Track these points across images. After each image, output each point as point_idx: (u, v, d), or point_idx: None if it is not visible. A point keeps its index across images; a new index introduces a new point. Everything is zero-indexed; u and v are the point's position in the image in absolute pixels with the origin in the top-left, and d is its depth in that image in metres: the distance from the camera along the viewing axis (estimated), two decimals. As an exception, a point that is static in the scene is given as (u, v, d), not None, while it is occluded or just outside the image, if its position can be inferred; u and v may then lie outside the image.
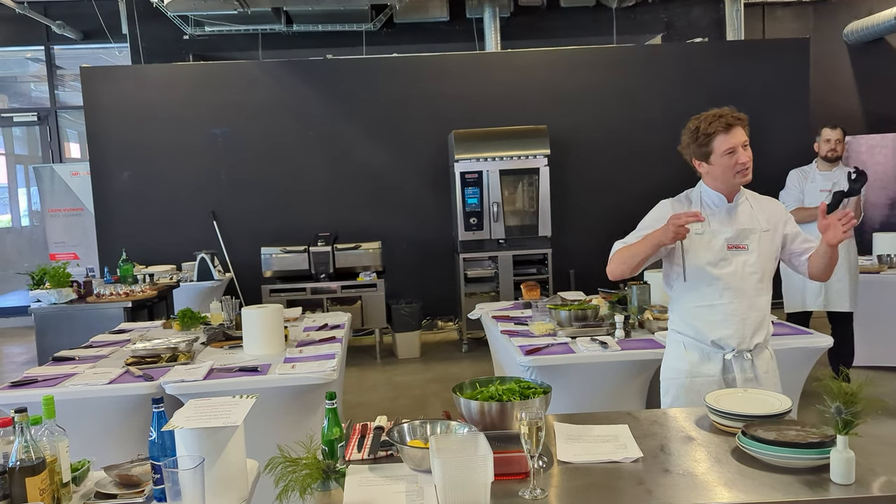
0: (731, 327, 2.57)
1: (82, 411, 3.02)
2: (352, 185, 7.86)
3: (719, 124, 2.51)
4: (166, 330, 4.33)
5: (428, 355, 7.07)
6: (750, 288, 2.56)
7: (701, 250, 2.59)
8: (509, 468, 1.77)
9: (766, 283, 2.60)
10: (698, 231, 2.58)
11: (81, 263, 8.33)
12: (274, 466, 1.72)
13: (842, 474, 1.67)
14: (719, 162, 2.54)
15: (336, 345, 3.68)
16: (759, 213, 2.62)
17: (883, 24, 8.88)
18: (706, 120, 2.54)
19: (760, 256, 2.57)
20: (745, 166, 2.53)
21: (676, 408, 2.51)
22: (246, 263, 7.55)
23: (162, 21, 8.65)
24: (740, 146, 2.52)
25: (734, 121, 2.52)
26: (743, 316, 2.56)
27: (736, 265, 2.56)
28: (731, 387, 2.59)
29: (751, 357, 2.58)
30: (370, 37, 9.16)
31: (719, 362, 2.60)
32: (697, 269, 2.60)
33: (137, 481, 1.91)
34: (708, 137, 2.53)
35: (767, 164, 7.92)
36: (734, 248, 2.57)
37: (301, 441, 1.78)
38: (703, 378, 2.62)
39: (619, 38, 9.20)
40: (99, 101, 7.72)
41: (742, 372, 2.58)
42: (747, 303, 2.56)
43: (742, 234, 2.58)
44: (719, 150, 2.53)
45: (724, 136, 2.51)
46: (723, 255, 2.57)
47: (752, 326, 2.57)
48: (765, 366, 2.62)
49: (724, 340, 2.58)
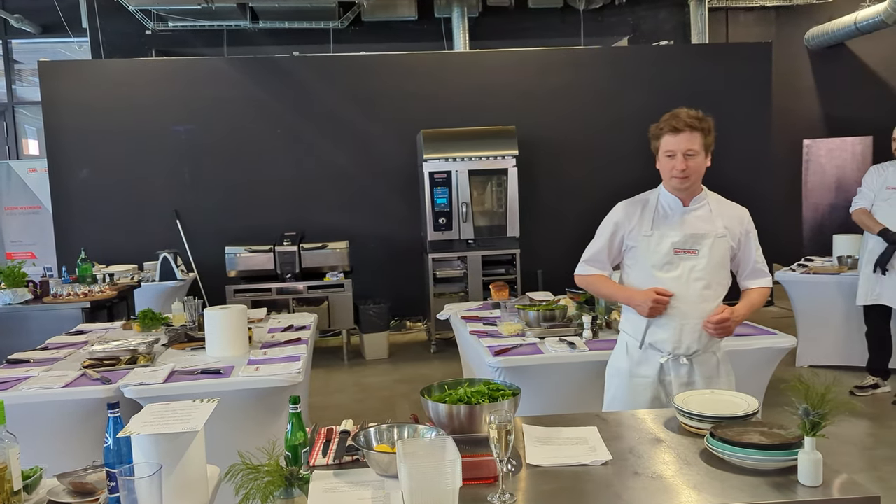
0: (667, 332, 2.57)
1: (35, 416, 2.92)
2: (319, 184, 7.78)
3: (668, 125, 2.53)
4: (126, 331, 4.23)
5: (396, 356, 7.03)
6: (693, 294, 2.55)
7: (647, 253, 2.59)
8: (478, 472, 1.74)
9: (713, 291, 2.58)
10: (647, 233, 2.59)
11: (38, 263, 8.11)
12: (234, 474, 1.67)
13: (809, 476, 1.67)
14: (661, 161, 2.60)
15: (302, 346, 3.62)
16: (717, 217, 2.60)
17: (843, 30, 9.07)
18: (664, 117, 2.57)
19: (710, 263, 2.56)
20: (680, 173, 2.52)
21: (644, 409, 2.51)
22: (210, 263, 7.42)
23: (123, 15, 8.47)
24: (681, 152, 2.51)
25: (685, 126, 2.51)
26: (681, 322, 2.56)
27: (682, 270, 2.56)
28: (668, 390, 2.61)
29: (688, 362, 2.58)
30: (337, 35, 9.08)
31: (656, 365, 2.60)
32: (642, 272, 2.61)
33: (92, 489, 1.84)
34: (657, 133, 2.58)
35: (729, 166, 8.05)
36: (682, 252, 2.56)
37: (263, 447, 1.73)
38: (641, 379, 2.64)
39: (587, 40, 9.26)
40: (58, 96, 7.52)
41: (678, 377, 2.59)
42: (688, 309, 2.55)
43: (692, 240, 2.56)
44: (662, 149, 2.57)
45: (670, 138, 2.53)
46: (669, 260, 2.57)
47: (690, 333, 2.56)
48: (708, 371, 2.61)
49: (660, 344, 2.59)
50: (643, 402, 2.64)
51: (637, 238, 2.62)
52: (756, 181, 7.96)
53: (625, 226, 2.65)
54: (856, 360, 5.48)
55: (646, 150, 2.69)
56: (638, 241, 2.61)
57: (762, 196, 7.99)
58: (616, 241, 2.67)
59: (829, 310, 5.65)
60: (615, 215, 2.69)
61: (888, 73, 9.66)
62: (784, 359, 3.64)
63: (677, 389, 2.56)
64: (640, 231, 2.61)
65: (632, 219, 2.64)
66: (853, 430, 4.53)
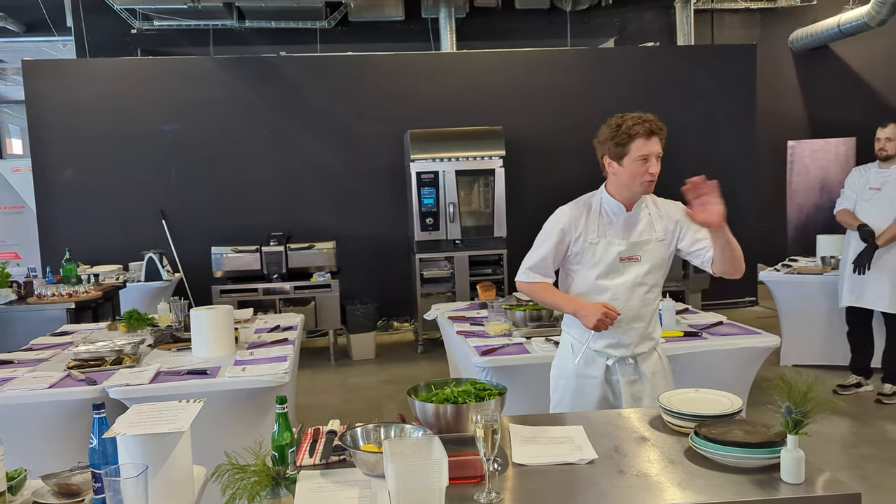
0: (613, 337, 2.58)
1: (20, 417, 2.90)
2: (306, 184, 7.76)
3: (642, 128, 2.47)
4: (111, 332, 4.20)
5: (383, 357, 7.02)
6: (636, 299, 2.56)
7: (593, 261, 2.59)
8: (464, 472, 1.74)
9: (654, 293, 2.61)
10: (593, 241, 2.58)
11: (22, 263, 8.03)
12: (221, 474, 1.66)
13: (792, 473, 1.68)
14: (630, 166, 2.50)
15: (288, 347, 3.61)
16: (656, 221, 2.60)
17: (827, 32, 9.16)
18: (631, 120, 2.49)
19: (652, 267, 2.57)
20: (652, 177, 2.50)
21: (630, 409, 2.52)
22: (196, 263, 7.38)
23: (108, 14, 8.41)
24: (654, 156, 2.49)
25: (657, 129, 2.49)
26: (626, 327, 2.57)
27: (626, 276, 2.56)
28: (615, 389, 2.62)
29: (634, 361, 2.60)
30: (324, 35, 9.06)
31: (602, 366, 2.62)
32: (586, 279, 2.61)
33: (77, 490, 1.83)
34: (628, 138, 2.48)
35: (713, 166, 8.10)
36: (626, 259, 2.57)
37: (249, 447, 1.73)
38: (588, 379, 2.64)
39: (574, 41, 9.29)
40: (42, 95, 7.46)
41: (625, 375, 2.60)
42: (632, 314, 2.56)
43: (636, 246, 2.57)
44: (634, 154, 2.48)
45: (643, 142, 2.47)
46: (614, 267, 2.57)
47: (635, 336, 2.58)
48: (652, 367, 2.63)
49: (605, 349, 2.60)
50: (591, 402, 2.64)
51: (583, 244, 2.58)
52: (741, 182, 8.02)
53: (571, 232, 2.60)
54: (839, 360, 5.53)
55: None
56: (584, 247, 2.58)
57: (747, 197, 8.06)
58: (562, 247, 2.61)
59: (812, 310, 5.70)
60: (560, 221, 2.62)
61: (871, 74, 9.75)
62: (768, 358, 3.68)
63: (625, 387, 2.59)
64: (587, 238, 2.58)
65: (578, 225, 2.59)
66: (836, 429, 4.57)
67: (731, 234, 2.43)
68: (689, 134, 7.81)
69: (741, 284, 7.68)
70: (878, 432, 4.54)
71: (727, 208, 2.32)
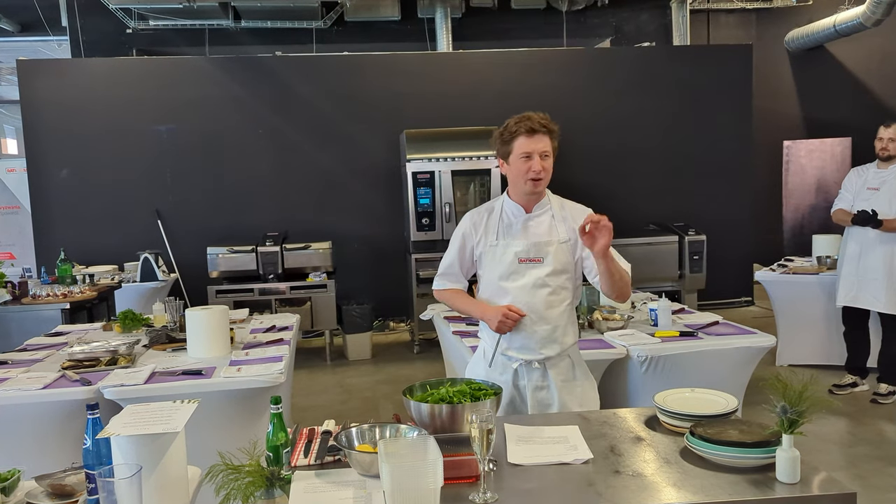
0: (517, 340, 2.56)
1: (14, 418, 2.89)
2: (302, 184, 7.76)
3: (523, 126, 2.49)
4: (106, 332, 4.19)
5: (379, 357, 7.02)
6: (539, 302, 2.53)
7: (493, 263, 2.59)
8: (459, 472, 1.74)
9: (561, 296, 2.56)
10: (493, 243, 2.59)
11: (17, 263, 8.01)
12: (215, 474, 1.66)
13: (787, 473, 1.68)
14: (515, 164, 2.53)
15: (284, 347, 3.61)
16: (560, 223, 2.59)
17: (822, 32, 9.18)
18: (515, 119, 2.53)
19: (555, 269, 2.54)
20: (536, 175, 2.50)
21: (626, 409, 2.52)
22: (191, 264, 7.37)
23: (104, 14, 8.40)
24: (538, 154, 2.49)
25: (540, 127, 2.50)
26: (530, 330, 2.54)
27: (528, 279, 2.54)
28: (522, 395, 2.59)
29: (541, 366, 2.57)
30: (320, 34, 9.06)
31: (511, 370, 2.59)
32: (489, 283, 2.61)
33: (71, 491, 1.82)
34: (511, 136, 2.52)
35: (709, 167, 8.13)
36: (527, 261, 2.55)
37: (244, 448, 1.72)
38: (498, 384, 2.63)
39: (570, 41, 9.30)
40: (37, 95, 7.44)
41: (532, 381, 2.57)
42: (535, 316, 2.54)
43: (536, 248, 2.55)
44: (517, 152, 2.51)
45: (525, 140, 2.49)
46: (514, 269, 2.56)
47: (539, 340, 2.55)
48: (562, 375, 2.59)
49: (511, 352, 2.58)
50: (500, 406, 2.62)
51: (484, 247, 2.61)
52: (737, 182, 8.03)
53: (472, 237, 2.63)
54: (835, 360, 5.54)
55: (626, 151, 2.69)
56: (485, 250, 2.61)
57: (743, 197, 8.07)
58: (466, 252, 2.66)
59: (808, 309, 5.71)
60: (462, 226, 2.67)
61: (867, 74, 9.79)
62: (764, 358, 3.68)
63: (531, 394, 2.56)
64: (487, 241, 2.60)
65: (478, 229, 2.62)
66: (832, 429, 4.58)
67: (616, 265, 2.44)
68: (685, 134, 7.85)
69: (737, 284, 7.69)
70: (874, 432, 4.55)
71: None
